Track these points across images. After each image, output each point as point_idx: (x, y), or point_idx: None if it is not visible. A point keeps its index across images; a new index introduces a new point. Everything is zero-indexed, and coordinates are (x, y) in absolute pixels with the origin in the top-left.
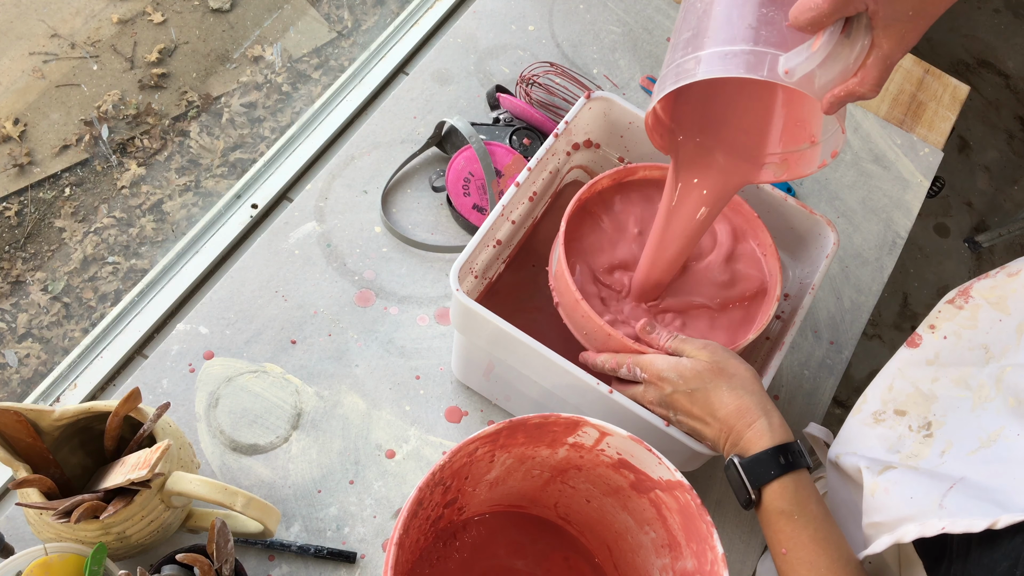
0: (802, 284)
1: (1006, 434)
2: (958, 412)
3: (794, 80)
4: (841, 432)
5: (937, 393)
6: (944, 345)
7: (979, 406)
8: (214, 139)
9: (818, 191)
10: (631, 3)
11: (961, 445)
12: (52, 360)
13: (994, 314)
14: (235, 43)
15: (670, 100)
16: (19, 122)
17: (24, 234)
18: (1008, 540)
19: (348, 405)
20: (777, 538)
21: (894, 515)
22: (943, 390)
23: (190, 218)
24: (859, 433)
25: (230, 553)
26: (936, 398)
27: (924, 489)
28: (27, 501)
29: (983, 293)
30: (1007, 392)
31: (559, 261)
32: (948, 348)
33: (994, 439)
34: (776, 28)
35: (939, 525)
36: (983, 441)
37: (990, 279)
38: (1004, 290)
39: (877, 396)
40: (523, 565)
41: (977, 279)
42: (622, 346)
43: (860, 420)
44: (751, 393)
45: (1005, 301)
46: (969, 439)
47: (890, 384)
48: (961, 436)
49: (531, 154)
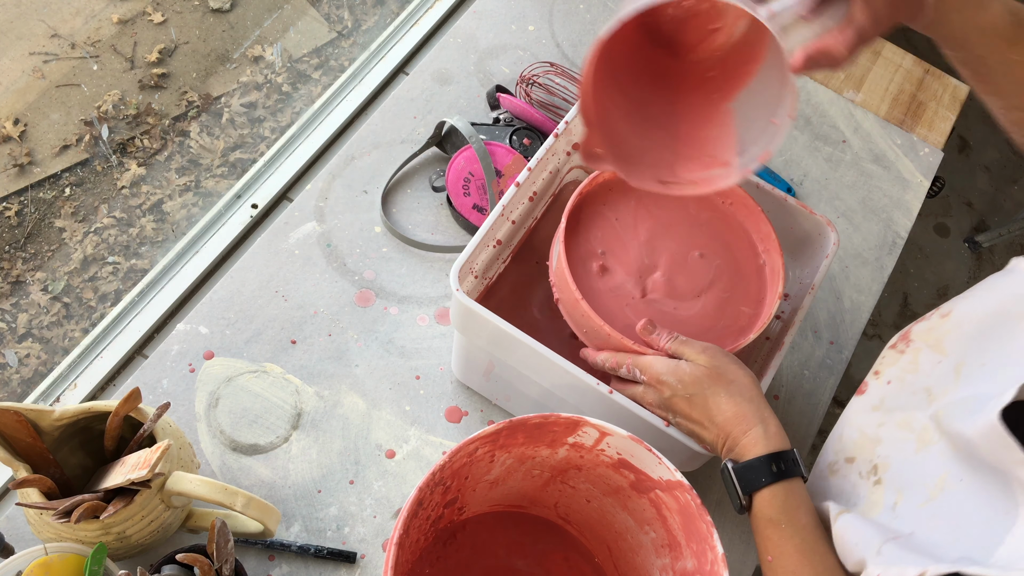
0: (802, 284)
1: (950, 480)
2: (902, 454)
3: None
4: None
5: (882, 436)
6: (888, 390)
7: (923, 449)
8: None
9: (818, 191)
10: None
11: (911, 496)
12: (52, 360)
13: (933, 356)
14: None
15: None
16: (19, 122)
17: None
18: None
19: (348, 405)
20: (765, 545)
21: (850, 559)
22: (887, 433)
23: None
24: (818, 489)
25: (230, 553)
26: (881, 440)
27: (869, 534)
28: (27, 501)
29: (921, 336)
30: (947, 436)
31: (560, 257)
32: (892, 393)
33: (940, 487)
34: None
35: (875, 572)
36: (931, 490)
37: (926, 322)
38: (939, 332)
39: (830, 448)
40: (523, 565)
41: (915, 322)
42: (622, 345)
43: (817, 475)
44: (749, 400)
45: (941, 343)
46: (917, 487)
47: (840, 434)
48: (908, 482)
49: (531, 154)
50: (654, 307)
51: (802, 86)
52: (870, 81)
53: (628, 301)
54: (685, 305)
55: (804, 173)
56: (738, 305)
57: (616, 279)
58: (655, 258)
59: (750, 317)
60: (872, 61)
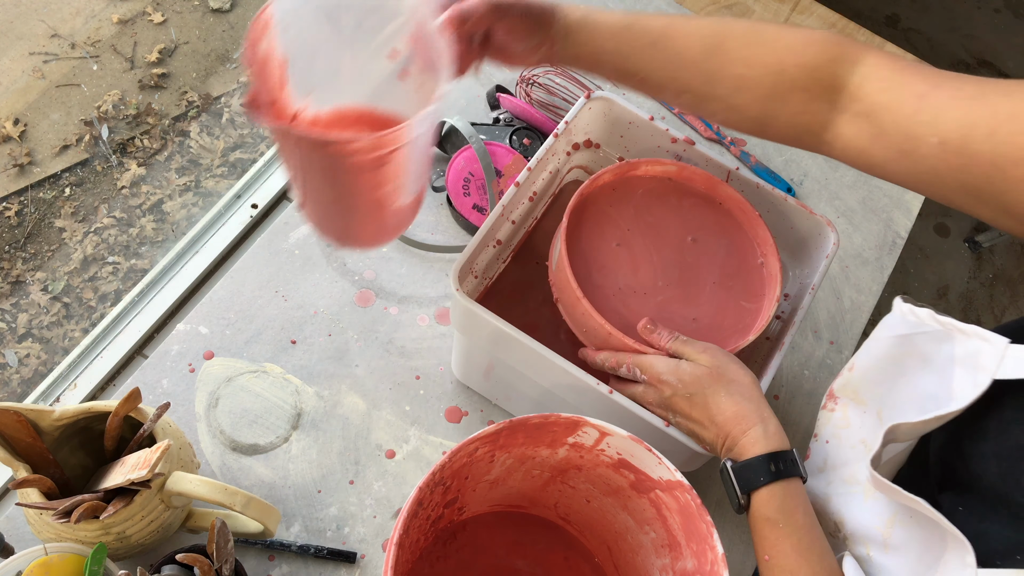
0: (802, 284)
1: (900, 518)
2: (851, 505)
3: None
4: None
5: (830, 494)
6: (828, 449)
7: (870, 498)
8: (214, 139)
9: (818, 191)
10: (631, 3)
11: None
12: (52, 360)
13: (858, 408)
14: (235, 43)
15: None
16: (19, 122)
17: (24, 234)
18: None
19: (348, 405)
20: (762, 544)
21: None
22: (835, 490)
23: (190, 218)
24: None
25: (230, 553)
26: (830, 497)
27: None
28: (27, 501)
29: (842, 392)
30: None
31: (560, 257)
32: (832, 451)
33: (891, 526)
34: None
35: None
36: (884, 533)
37: (841, 378)
38: (853, 385)
39: None
40: (523, 565)
41: (835, 380)
42: (622, 345)
43: None
44: (749, 399)
45: (859, 394)
46: (873, 533)
47: None
48: (865, 530)
49: (531, 154)
50: (654, 306)
51: None
52: None
53: (628, 301)
54: (685, 305)
55: (804, 173)
56: (738, 305)
57: (616, 279)
58: (655, 259)
59: (750, 318)
60: None
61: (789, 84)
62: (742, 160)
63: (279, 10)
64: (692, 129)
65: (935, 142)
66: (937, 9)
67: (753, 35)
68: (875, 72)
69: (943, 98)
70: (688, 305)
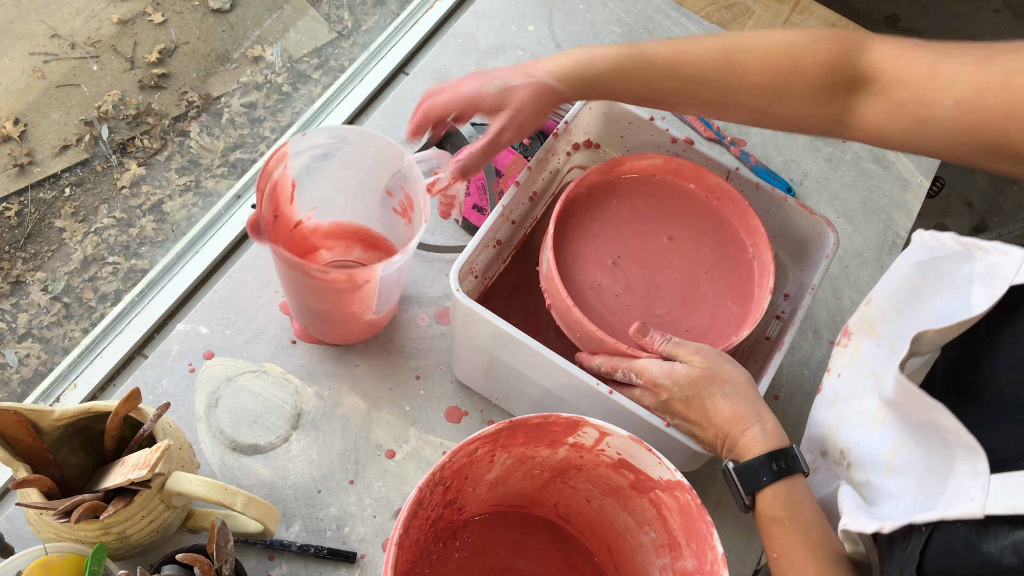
0: (802, 284)
1: (905, 446)
2: (860, 433)
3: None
4: None
5: (841, 424)
6: (840, 383)
7: (879, 426)
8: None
9: (818, 191)
10: (631, 3)
11: (875, 470)
12: (52, 360)
13: (871, 342)
14: (235, 43)
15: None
16: (19, 122)
17: (24, 234)
18: (898, 546)
19: (348, 405)
20: (770, 543)
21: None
22: (845, 420)
23: (190, 218)
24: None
25: (230, 553)
26: (841, 427)
27: (853, 499)
28: (27, 501)
29: (856, 327)
30: (892, 407)
31: (549, 263)
32: (844, 384)
33: (896, 453)
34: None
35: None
36: (888, 459)
37: (856, 313)
38: (868, 319)
39: (805, 450)
40: (523, 565)
41: (851, 317)
42: (615, 349)
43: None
44: (745, 399)
45: (873, 327)
46: (877, 457)
47: (809, 435)
48: (869, 455)
49: (531, 154)
50: (646, 308)
51: None
52: None
53: (620, 304)
54: (677, 304)
55: (804, 173)
56: (730, 303)
57: (607, 282)
58: (645, 260)
59: (742, 315)
60: None
61: (807, 82)
62: (742, 160)
63: (294, 149)
64: (692, 129)
65: (950, 104)
66: (937, 9)
67: (761, 43)
68: (886, 53)
69: (953, 64)
70: (681, 304)
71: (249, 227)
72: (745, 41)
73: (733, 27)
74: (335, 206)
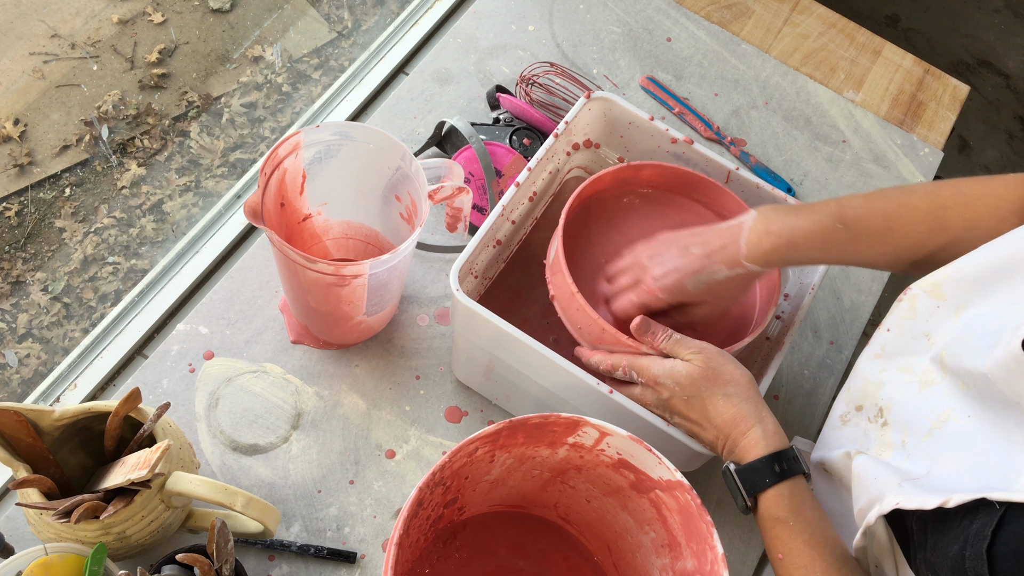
0: (802, 284)
1: (955, 416)
2: (905, 395)
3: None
4: (819, 441)
5: (884, 380)
6: (888, 337)
7: (925, 389)
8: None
9: (818, 191)
10: (631, 3)
11: (915, 431)
12: (52, 360)
13: (931, 302)
14: (235, 43)
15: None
16: (19, 122)
17: (24, 234)
18: (957, 523)
19: (348, 405)
20: (774, 544)
21: (865, 499)
22: (889, 377)
23: (190, 218)
24: (832, 438)
25: (230, 553)
26: (884, 384)
27: (887, 472)
28: (27, 501)
29: (920, 285)
30: (954, 375)
31: (557, 253)
32: (892, 339)
33: (944, 420)
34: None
35: (894, 500)
36: (933, 423)
37: (930, 275)
38: (936, 279)
39: (841, 399)
40: (523, 565)
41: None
42: (616, 342)
43: (831, 426)
44: (746, 400)
45: (939, 288)
46: (920, 420)
47: (849, 386)
48: (912, 419)
49: (531, 154)
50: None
51: (802, 85)
52: (870, 81)
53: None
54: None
55: (804, 173)
56: (736, 304)
57: (612, 280)
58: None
59: (747, 318)
60: (872, 61)
61: (1006, 225)
62: (742, 160)
63: (307, 140)
64: (692, 129)
65: None
66: (937, 9)
67: (962, 199)
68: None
69: None
70: (684, 305)
71: (246, 208)
72: (946, 198)
73: (733, 27)
74: (344, 204)
